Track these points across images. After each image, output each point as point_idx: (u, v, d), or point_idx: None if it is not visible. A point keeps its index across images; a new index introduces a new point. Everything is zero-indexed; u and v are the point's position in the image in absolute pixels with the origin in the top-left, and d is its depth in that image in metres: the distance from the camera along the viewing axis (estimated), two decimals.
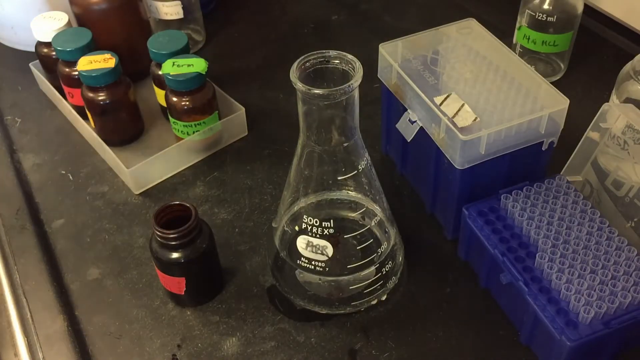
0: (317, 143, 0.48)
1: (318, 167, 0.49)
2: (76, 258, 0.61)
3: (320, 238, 0.50)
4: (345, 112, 0.46)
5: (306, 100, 0.45)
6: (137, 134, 0.73)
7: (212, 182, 0.68)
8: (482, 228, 0.54)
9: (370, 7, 0.92)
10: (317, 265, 0.52)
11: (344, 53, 0.47)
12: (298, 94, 0.45)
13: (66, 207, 0.66)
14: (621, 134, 0.55)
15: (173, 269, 0.53)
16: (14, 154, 0.72)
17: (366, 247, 0.52)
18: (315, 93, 0.44)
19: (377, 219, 0.53)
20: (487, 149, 0.53)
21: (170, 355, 0.53)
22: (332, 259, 0.51)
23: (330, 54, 0.47)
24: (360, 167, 0.50)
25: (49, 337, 0.55)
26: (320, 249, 0.51)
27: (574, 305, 0.48)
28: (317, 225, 0.50)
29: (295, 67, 0.45)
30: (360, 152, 0.50)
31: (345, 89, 0.44)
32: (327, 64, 0.47)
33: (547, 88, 0.56)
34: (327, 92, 0.44)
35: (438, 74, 0.59)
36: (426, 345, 0.53)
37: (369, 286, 0.53)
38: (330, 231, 0.50)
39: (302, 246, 0.51)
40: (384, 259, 0.53)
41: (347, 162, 0.49)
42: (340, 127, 0.47)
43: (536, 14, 0.72)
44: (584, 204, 0.54)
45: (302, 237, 0.51)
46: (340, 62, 0.47)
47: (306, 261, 0.52)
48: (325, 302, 0.54)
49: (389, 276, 0.54)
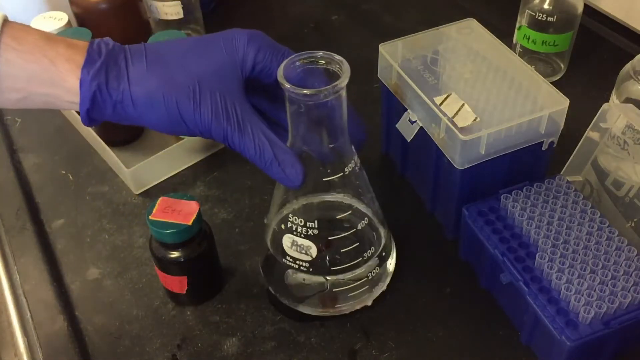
0: (304, 143, 0.48)
1: (306, 168, 0.48)
2: (76, 258, 0.61)
3: (304, 238, 0.50)
4: (332, 112, 0.46)
5: (293, 100, 0.45)
6: (137, 134, 0.73)
7: (212, 182, 0.68)
8: (482, 228, 0.54)
9: (370, 7, 0.92)
10: (302, 265, 0.51)
11: (332, 53, 0.46)
12: (285, 93, 0.45)
13: (66, 207, 0.66)
14: (621, 134, 0.55)
15: (173, 269, 0.53)
16: (14, 154, 0.72)
17: (351, 250, 0.51)
18: (301, 93, 0.44)
19: (364, 222, 0.52)
20: (487, 149, 0.53)
21: (170, 355, 0.53)
22: (316, 259, 0.51)
23: (317, 54, 0.46)
24: (348, 169, 0.49)
25: (49, 337, 0.55)
26: (304, 249, 0.50)
27: (574, 305, 0.48)
28: (301, 225, 0.50)
29: (283, 67, 0.45)
30: (349, 153, 0.49)
31: (331, 89, 0.44)
32: (315, 64, 0.47)
33: (547, 88, 0.56)
34: (313, 92, 0.44)
35: (438, 74, 0.59)
36: (426, 345, 0.53)
37: (353, 290, 0.53)
38: (315, 232, 0.50)
39: (287, 245, 0.51)
40: (370, 263, 0.53)
41: (335, 163, 0.49)
42: (328, 128, 0.47)
43: (536, 14, 0.72)
44: (584, 204, 0.54)
45: (287, 235, 0.51)
46: (327, 63, 0.46)
47: (291, 260, 0.51)
48: (310, 303, 0.53)
49: (375, 281, 0.54)
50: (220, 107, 0.47)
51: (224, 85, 0.47)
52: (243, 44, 0.48)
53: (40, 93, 0.47)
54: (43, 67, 0.46)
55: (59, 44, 0.47)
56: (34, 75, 0.46)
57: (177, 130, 0.48)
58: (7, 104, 0.48)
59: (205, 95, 0.47)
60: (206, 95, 0.47)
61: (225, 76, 0.48)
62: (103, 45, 0.47)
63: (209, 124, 0.47)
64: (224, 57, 0.48)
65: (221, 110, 0.47)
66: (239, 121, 0.47)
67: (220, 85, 0.47)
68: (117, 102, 0.47)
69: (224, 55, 0.48)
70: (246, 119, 0.47)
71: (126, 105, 0.47)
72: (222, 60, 0.48)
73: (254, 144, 0.47)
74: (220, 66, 0.48)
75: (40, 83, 0.46)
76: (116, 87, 0.46)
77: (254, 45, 0.48)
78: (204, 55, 0.48)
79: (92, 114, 0.47)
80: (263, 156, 0.48)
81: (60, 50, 0.46)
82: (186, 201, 0.52)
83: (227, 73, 0.48)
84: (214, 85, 0.47)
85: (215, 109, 0.47)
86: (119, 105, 0.47)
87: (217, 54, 0.48)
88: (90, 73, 0.46)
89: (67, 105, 0.48)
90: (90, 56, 0.46)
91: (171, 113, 0.47)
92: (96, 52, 0.47)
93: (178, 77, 0.47)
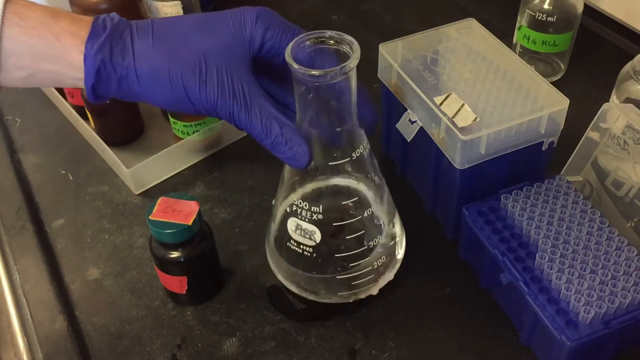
0: (311, 125, 0.47)
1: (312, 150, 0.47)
2: (76, 258, 0.61)
3: (309, 222, 0.49)
4: (340, 95, 0.45)
5: (300, 81, 0.44)
6: (137, 134, 0.73)
7: (212, 182, 0.68)
8: (482, 228, 0.54)
9: (370, 7, 0.92)
10: (305, 250, 0.51)
11: (342, 33, 0.45)
12: (293, 74, 0.44)
13: (66, 207, 0.66)
14: (621, 134, 0.55)
15: (173, 269, 0.53)
16: (14, 154, 0.72)
17: (356, 237, 0.51)
18: (308, 73, 0.43)
19: (371, 210, 0.51)
20: (487, 149, 0.53)
21: (170, 355, 0.53)
22: (320, 245, 0.50)
23: (326, 34, 0.45)
24: (356, 154, 0.48)
25: (49, 337, 0.55)
26: (308, 234, 0.50)
27: (574, 305, 0.48)
28: (306, 209, 0.49)
29: (291, 46, 0.44)
30: (357, 138, 0.48)
31: (338, 71, 0.43)
32: (325, 44, 0.46)
33: (547, 88, 0.56)
34: (320, 73, 0.43)
35: (438, 74, 0.59)
36: (426, 345, 0.53)
37: (357, 278, 0.52)
38: (319, 217, 0.49)
39: (292, 228, 0.51)
40: (376, 252, 0.52)
41: (342, 147, 0.48)
42: (336, 110, 0.46)
43: (536, 14, 0.72)
44: (584, 204, 0.54)
45: (292, 219, 0.50)
46: (337, 43, 0.45)
47: (295, 244, 0.51)
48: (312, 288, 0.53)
49: (381, 271, 0.53)
50: (227, 84, 0.46)
51: (230, 62, 0.46)
52: (251, 21, 0.47)
53: (46, 70, 0.46)
54: (47, 43, 0.45)
55: (64, 19, 0.46)
56: (38, 51, 0.45)
57: (182, 107, 0.47)
58: (15, 83, 0.47)
59: (212, 72, 0.46)
60: (212, 72, 0.46)
61: (232, 53, 0.47)
62: (108, 20, 0.47)
63: (215, 101, 0.46)
64: (231, 34, 0.47)
65: (227, 87, 0.46)
66: (245, 99, 0.46)
67: (227, 62, 0.46)
68: (122, 77, 0.46)
69: (232, 32, 0.47)
70: (253, 97, 0.46)
71: (131, 81, 0.46)
72: (230, 37, 0.47)
73: (260, 123, 0.46)
74: (227, 43, 0.47)
75: (44, 59, 0.46)
76: (121, 62, 0.46)
77: (263, 23, 0.47)
78: (211, 31, 0.47)
79: (97, 89, 0.46)
80: (270, 134, 0.46)
81: (64, 26, 0.46)
82: (186, 201, 0.52)
83: (234, 50, 0.47)
84: (221, 62, 0.46)
85: (222, 85, 0.46)
86: (124, 80, 0.46)
87: (225, 30, 0.47)
88: (94, 47, 0.45)
89: (73, 82, 0.47)
90: (94, 30, 0.46)
91: (176, 89, 0.46)
92: (101, 26, 0.46)
93: (184, 52, 0.46)
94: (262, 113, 0.46)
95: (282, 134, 0.46)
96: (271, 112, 0.47)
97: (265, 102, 0.47)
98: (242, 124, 0.47)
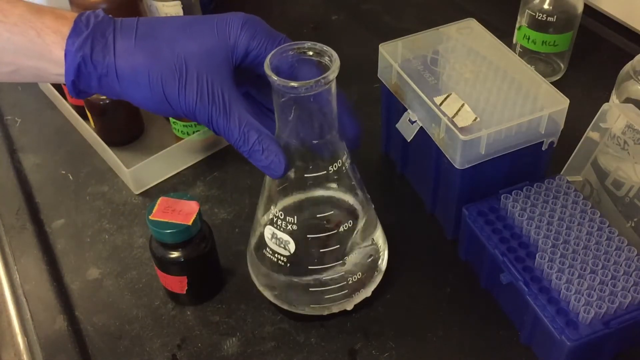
0: (289, 136, 0.46)
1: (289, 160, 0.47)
2: (76, 258, 0.61)
3: (283, 232, 0.49)
4: (319, 106, 0.45)
5: (278, 91, 0.44)
6: (137, 134, 0.73)
7: (212, 182, 0.68)
8: (482, 228, 0.54)
9: (370, 7, 0.92)
10: (279, 259, 0.51)
11: (320, 44, 0.45)
12: (272, 85, 0.44)
13: (66, 207, 0.66)
14: (621, 134, 0.55)
15: (173, 269, 0.53)
16: (14, 154, 0.72)
17: (331, 251, 0.50)
18: (283, 84, 0.42)
19: (347, 225, 0.50)
20: (487, 149, 0.53)
21: (170, 355, 0.53)
22: (294, 255, 0.50)
23: (305, 45, 0.45)
24: (333, 167, 0.48)
25: (49, 337, 0.55)
26: (283, 243, 0.50)
27: (574, 305, 0.48)
28: (281, 219, 0.49)
29: (270, 57, 0.44)
30: (338, 150, 0.48)
31: (314, 84, 0.42)
32: (304, 55, 0.45)
33: (547, 88, 0.56)
34: (296, 84, 0.42)
35: (438, 74, 0.59)
36: (426, 345, 0.53)
37: (330, 292, 0.52)
38: (294, 227, 0.49)
39: (268, 236, 0.51)
40: (351, 267, 0.51)
41: (321, 159, 0.47)
42: (314, 122, 0.46)
43: (536, 14, 0.72)
44: (584, 204, 0.54)
45: (268, 226, 0.50)
46: (316, 54, 0.45)
47: (270, 252, 0.51)
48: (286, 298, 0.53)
49: (355, 287, 0.52)
50: (207, 90, 0.46)
51: (212, 68, 0.46)
52: (237, 28, 0.47)
53: (29, 66, 0.46)
54: (30, 40, 0.45)
55: (47, 16, 0.46)
56: (21, 47, 0.45)
57: (162, 109, 0.47)
58: (0, 78, 0.47)
59: (192, 76, 0.46)
60: (192, 76, 0.46)
61: (214, 59, 0.46)
62: (92, 16, 0.47)
63: (194, 106, 0.46)
64: (214, 40, 0.47)
65: (207, 93, 0.46)
66: (225, 105, 0.46)
67: (208, 68, 0.46)
68: (102, 75, 0.46)
69: (216, 38, 0.47)
70: (232, 104, 0.46)
71: (111, 80, 0.46)
72: (213, 42, 0.47)
73: (238, 130, 0.46)
74: (209, 48, 0.46)
75: (27, 56, 0.46)
76: (101, 60, 0.45)
77: (248, 31, 0.47)
78: (195, 35, 0.47)
79: (78, 85, 0.46)
80: (247, 142, 0.46)
81: (47, 22, 0.46)
82: (186, 201, 0.52)
83: (217, 56, 0.47)
84: (202, 67, 0.46)
85: (201, 90, 0.46)
86: (104, 78, 0.46)
87: (209, 35, 0.47)
88: (75, 44, 0.45)
89: (56, 79, 0.47)
90: (77, 27, 0.46)
91: (155, 91, 0.46)
92: (84, 23, 0.46)
93: (165, 54, 0.46)
94: (241, 120, 0.46)
95: (260, 142, 0.46)
96: (249, 120, 0.47)
97: (244, 110, 0.47)
98: (220, 130, 0.47)
